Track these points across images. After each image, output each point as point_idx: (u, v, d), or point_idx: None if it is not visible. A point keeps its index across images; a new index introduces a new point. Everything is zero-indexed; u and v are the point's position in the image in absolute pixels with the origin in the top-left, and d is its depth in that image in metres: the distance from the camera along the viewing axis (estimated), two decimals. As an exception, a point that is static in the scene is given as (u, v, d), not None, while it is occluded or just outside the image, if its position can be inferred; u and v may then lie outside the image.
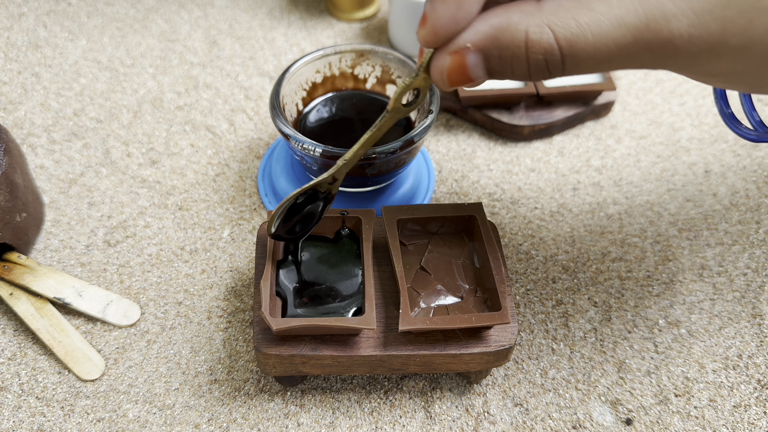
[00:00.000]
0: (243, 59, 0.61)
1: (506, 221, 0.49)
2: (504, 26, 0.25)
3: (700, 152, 0.54)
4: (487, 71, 0.27)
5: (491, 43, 0.25)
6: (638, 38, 0.24)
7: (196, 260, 0.46)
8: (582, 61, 0.25)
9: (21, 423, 0.38)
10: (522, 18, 0.25)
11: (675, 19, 0.24)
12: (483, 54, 0.26)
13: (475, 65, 0.26)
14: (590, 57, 0.25)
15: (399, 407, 0.39)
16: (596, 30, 0.24)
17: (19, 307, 0.42)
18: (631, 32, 0.24)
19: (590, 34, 0.24)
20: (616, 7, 0.24)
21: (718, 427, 0.39)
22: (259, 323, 0.37)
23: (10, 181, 0.42)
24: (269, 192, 0.49)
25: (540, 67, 0.26)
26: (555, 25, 0.25)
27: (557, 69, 0.26)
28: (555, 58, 0.25)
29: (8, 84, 0.58)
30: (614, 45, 0.25)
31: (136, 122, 0.55)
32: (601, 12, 0.24)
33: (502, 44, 0.25)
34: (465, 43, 0.26)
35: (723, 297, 0.45)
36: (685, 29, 0.24)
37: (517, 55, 0.25)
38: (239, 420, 0.39)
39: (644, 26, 0.24)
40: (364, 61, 0.49)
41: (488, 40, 0.25)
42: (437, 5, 0.26)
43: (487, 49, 0.26)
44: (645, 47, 0.25)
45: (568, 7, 0.25)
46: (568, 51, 0.25)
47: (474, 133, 0.55)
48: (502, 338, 0.36)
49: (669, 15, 0.24)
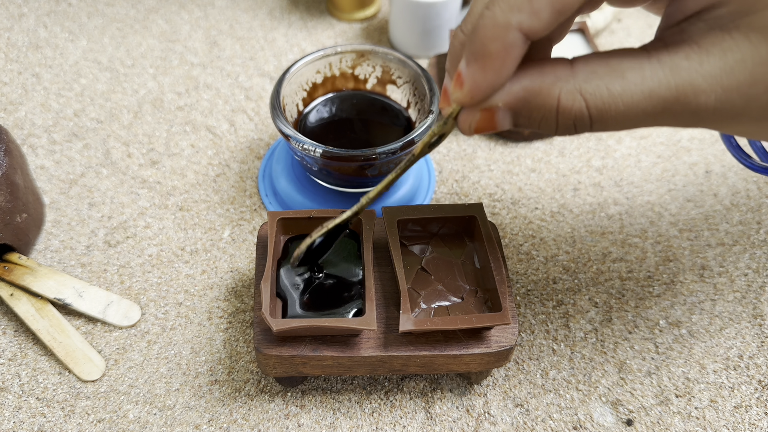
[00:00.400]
0: (243, 59, 0.61)
1: (507, 222, 0.49)
2: (537, 90, 0.26)
3: (701, 152, 0.54)
4: (514, 125, 0.28)
5: (522, 104, 0.26)
6: (666, 109, 0.25)
7: (196, 261, 0.46)
8: (609, 125, 0.26)
9: (21, 424, 0.38)
10: (555, 83, 0.25)
11: (704, 95, 0.25)
12: (513, 112, 0.27)
13: (503, 120, 0.27)
14: (617, 122, 0.26)
15: (399, 408, 0.39)
16: (628, 100, 0.25)
17: (20, 308, 0.42)
18: (660, 104, 0.25)
19: (621, 104, 0.25)
20: (648, 79, 0.25)
21: (719, 427, 0.39)
22: (259, 324, 0.37)
23: (11, 181, 0.42)
24: (270, 193, 0.49)
25: (568, 128, 0.26)
26: (587, 92, 0.25)
27: (584, 130, 0.26)
28: (584, 122, 0.26)
29: (9, 84, 0.58)
30: (642, 113, 0.25)
31: (137, 123, 0.55)
32: (634, 83, 0.25)
33: (533, 107, 0.26)
34: (497, 102, 0.26)
35: (724, 297, 0.45)
36: (712, 104, 0.25)
37: (546, 118, 0.26)
38: (240, 421, 0.39)
39: (674, 99, 0.25)
40: (364, 62, 0.49)
41: (519, 101, 0.26)
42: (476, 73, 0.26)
43: (517, 109, 0.26)
44: (670, 115, 0.25)
45: (601, 75, 0.25)
46: (598, 117, 0.25)
47: (474, 133, 0.55)
48: (502, 339, 0.36)
49: (699, 90, 0.25)
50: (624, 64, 0.25)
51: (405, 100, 0.49)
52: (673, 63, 0.25)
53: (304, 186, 0.48)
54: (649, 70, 0.25)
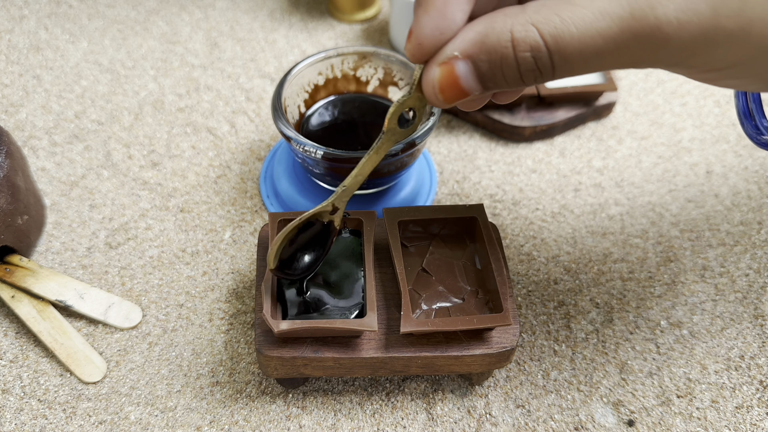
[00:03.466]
0: (244, 61, 0.61)
1: (507, 222, 0.49)
2: (489, 30, 0.25)
3: (702, 153, 0.54)
4: (480, 81, 0.26)
5: (478, 47, 0.25)
6: (624, 28, 0.24)
7: (197, 262, 0.46)
8: (570, 57, 0.25)
9: (23, 425, 0.38)
10: (506, 20, 0.25)
11: (660, 5, 0.23)
12: (472, 61, 0.26)
13: (465, 74, 0.26)
14: (577, 52, 0.24)
15: (401, 409, 0.39)
16: (580, 23, 0.24)
17: (21, 310, 0.42)
18: (616, 22, 0.24)
19: (574, 28, 0.24)
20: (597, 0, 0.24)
21: (720, 428, 0.39)
22: (260, 325, 0.37)
23: (12, 183, 0.42)
24: (271, 194, 0.49)
25: (530, 66, 0.25)
26: (538, 22, 0.24)
27: (547, 68, 0.25)
28: (543, 55, 0.25)
29: (9, 86, 0.58)
30: (600, 37, 0.24)
31: (138, 124, 0.55)
32: (583, 5, 0.24)
33: (490, 47, 0.25)
34: (452, 52, 0.26)
35: (725, 298, 0.45)
36: (673, 14, 0.23)
37: (505, 56, 0.25)
38: (241, 422, 0.39)
39: (629, 15, 0.24)
40: (366, 63, 0.49)
41: (475, 45, 0.25)
42: (420, 17, 0.26)
43: (475, 55, 0.25)
44: (633, 38, 0.24)
45: (550, 5, 0.24)
46: (555, 47, 0.24)
47: (475, 134, 0.55)
48: (503, 340, 0.36)
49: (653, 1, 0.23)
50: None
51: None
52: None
53: (306, 187, 0.48)
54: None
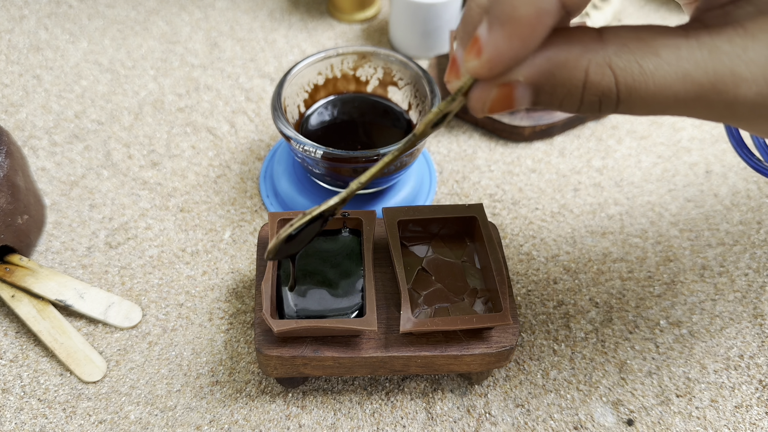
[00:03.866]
0: (244, 61, 0.61)
1: (507, 222, 0.49)
2: (563, 62, 0.23)
3: (701, 152, 0.54)
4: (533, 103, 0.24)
5: (546, 78, 0.23)
6: (700, 96, 0.22)
7: (197, 262, 0.46)
8: (635, 106, 0.23)
9: (23, 425, 0.38)
10: (583, 54, 0.23)
11: (745, 85, 0.22)
12: (534, 88, 0.24)
13: (521, 98, 0.24)
14: (645, 104, 0.23)
15: (400, 408, 0.39)
16: (660, 80, 0.22)
17: (21, 309, 0.42)
18: (694, 89, 0.22)
19: (653, 84, 0.22)
20: (684, 60, 0.22)
21: (720, 427, 0.39)
22: (260, 325, 0.37)
23: (12, 183, 0.42)
24: (271, 194, 0.49)
25: (593, 106, 0.24)
26: (617, 67, 0.22)
27: (609, 109, 0.24)
28: (611, 100, 0.23)
29: (9, 86, 0.58)
30: (674, 98, 0.23)
31: (137, 124, 0.55)
32: (668, 62, 0.22)
33: (558, 81, 0.23)
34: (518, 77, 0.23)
35: (724, 297, 0.45)
36: (752, 96, 0.22)
37: (571, 93, 0.23)
38: (241, 421, 0.39)
39: (710, 86, 0.22)
40: (366, 63, 0.49)
41: (543, 74, 0.23)
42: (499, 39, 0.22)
43: (540, 85, 0.23)
44: (704, 104, 0.23)
45: (633, 49, 0.23)
46: (626, 97, 0.23)
47: (475, 134, 0.55)
48: (503, 339, 0.36)
49: (739, 79, 0.22)
50: (658, 41, 0.23)
51: (406, 102, 0.49)
52: (713, 45, 0.22)
53: (306, 187, 0.48)
54: (686, 51, 0.22)
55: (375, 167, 0.30)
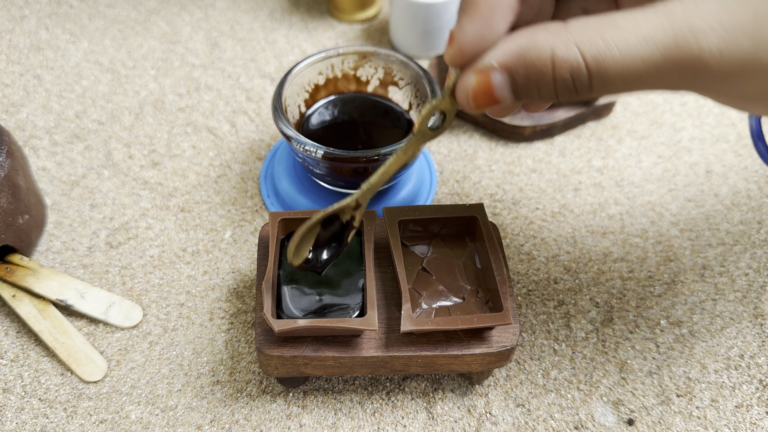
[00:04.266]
0: (244, 61, 0.61)
1: (508, 222, 0.49)
2: (531, 45, 0.25)
3: (702, 152, 0.54)
4: (514, 92, 0.26)
5: (517, 61, 0.25)
6: (667, 56, 0.24)
7: (198, 262, 0.46)
8: (610, 79, 0.25)
9: (24, 425, 0.38)
10: (548, 37, 0.25)
11: (704, 35, 0.23)
12: (509, 73, 0.26)
13: (501, 85, 0.26)
14: (618, 75, 0.24)
15: (401, 408, 0.39)
16: (623, 47, 0.24)
17: (22, 309, 0.42)
18: (659, 49, 0.24)
19: (617, 52, 0.24)
20: (643, 24, 0.24)
21: (720, 427, 0.39)
22: (261, 324, 0.37)
23: (13, 183, 0.42)
24: (271, 193, 0.49)
25: (567, 85, 0.25)
26: (582, 42, 0.24)
27: (584, 88, 0.25)
28: (582, 76, 0.25)
29: (10, 86, 0.58)
30: (642, 63, 0.24)
31: (138, 124, 0.55)
32: (629, 29, 0.24)
33: (529, 62, 0.25)
34: (491, 61, 0.26)
35: (725, 297, 0.45)
36: (716, 45, 0.24)
37: (543, 74, 0.25)
38: (241, 421, 0.39)
39: (673, 43, 0.24)
40: (366, 63, 0.49)
41: (514, 58, 0.25)
42: (464, 23, 0.26)
43: (513, 68, 0.25)
44: (674, 65, 0.24)
45: (594, 26, 0.24)
46: (596, 69, 0.24)
47: (475, 133, 0.55)
48: (503, 339, 0.36)
49: (698, 31, 0.23)
50: (617, 16, 0.24)
51: (407, 101, 0.49)
52: (668, 10, 0.24)
53: (306, 187, 0.48)
54: (643, 17, 0.24)
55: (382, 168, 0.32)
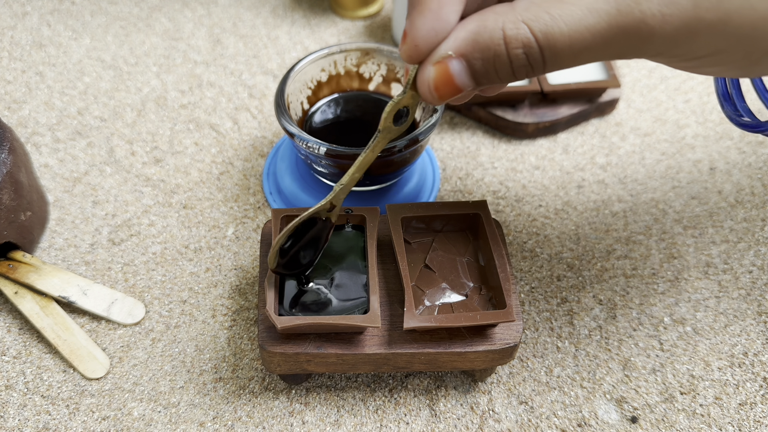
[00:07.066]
0: (247, 57, 0.61)
1: (511, 219, 0.49)
2: (481, 28, 0.26)
3: (705, 149, 0.54)
4: (473, 77, 0.27)
5: (471, 46, 0.26)
6: (612, 23, 0.25)
7: (200, 258, 0.46)
8: (560, 51, 0.26)
9: (26, 421, 0.38)
10: (497, 18, 0.26)
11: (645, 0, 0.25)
12: (465, 59, 0.27)
13: (459, 72, 0.27)
14: (567, 47, 0.25)
15: (404, 405, 0.39)
16: (569, 19, 0.25)
17: (24, 306, 0.42)
18: (603, 18, 0.25)
19: (564, 24, 0.25)
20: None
21: (724, 424, 0.39)
22: (263, 321, 0.37)
23: (15, 180, 0.42)
24: (274, 190, 0.49)
25: (522, 63, 0.26)
26: (529, 19, 0.25)
27: (538, 63, 0.26)
28: (534, 51, 0.26)
29: (12, 83, 0.58)
30: (589, 33, 0.25)
31: (140, 121, 0.55)
32: (572, 2, 0.25)
33: (482, 45, 0.26)
34: (446, 51, 0.27)
35: (728, 294, 0.45)
36: (656, 8, 0.25)
37: (498, 54, 0.26)
38: (244, 418, 0.39)
39: (615, 11, 0.25)
40: (369, 60, 0.48)
41: (468, 43, 0.26)
42: (415, 19, 0.26)
43: (468, 53, 0.26)
44: (620, 32, 0.25)
45: (539, 3, 0.25)
46: (545, 43, 0.25)
47: (478, 130, 0.55)
48: (506, 336, 0.36)
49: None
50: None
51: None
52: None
53: (309, 184, 0.48)
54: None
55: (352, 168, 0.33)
